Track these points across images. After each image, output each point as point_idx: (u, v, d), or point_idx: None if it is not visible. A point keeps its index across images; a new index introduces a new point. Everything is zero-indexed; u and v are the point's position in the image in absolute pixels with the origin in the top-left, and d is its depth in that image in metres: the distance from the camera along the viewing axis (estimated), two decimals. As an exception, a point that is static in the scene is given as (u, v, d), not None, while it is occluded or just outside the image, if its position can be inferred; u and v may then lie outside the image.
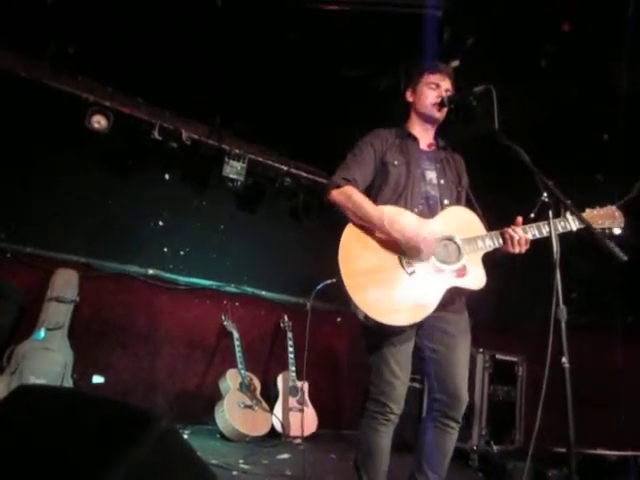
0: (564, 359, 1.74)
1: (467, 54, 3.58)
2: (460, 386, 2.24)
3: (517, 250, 2.18)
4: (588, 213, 2.24)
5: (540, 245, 2.05)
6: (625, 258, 1.83)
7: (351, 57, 3.97)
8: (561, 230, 2.14)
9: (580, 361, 2.05)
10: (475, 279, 2.18)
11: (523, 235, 2.17)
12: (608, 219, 2.23)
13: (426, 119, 2.46)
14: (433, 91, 2.40)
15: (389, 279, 2.14)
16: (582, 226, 2.16)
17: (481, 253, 2.21)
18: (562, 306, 1.80)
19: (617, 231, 2.22)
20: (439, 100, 2.38)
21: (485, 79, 2.27)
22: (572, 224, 2.17)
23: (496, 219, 2.31)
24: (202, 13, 3.63)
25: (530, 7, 3.30)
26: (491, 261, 2.24)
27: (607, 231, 2.22)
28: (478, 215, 2.35)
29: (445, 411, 2.23)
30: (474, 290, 2.18)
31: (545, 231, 2.17)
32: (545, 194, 2.11)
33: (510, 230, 2.19)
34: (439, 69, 2.44)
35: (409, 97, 2.50)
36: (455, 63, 3.50)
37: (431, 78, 2.41)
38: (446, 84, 2.42)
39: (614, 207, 2.25)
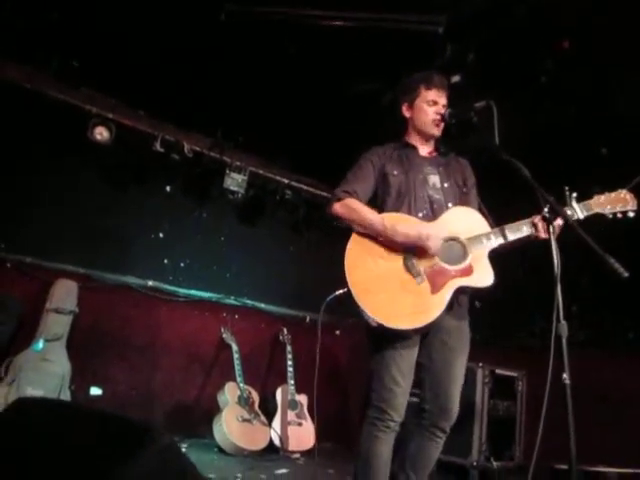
0: (565, 375, 1.73)
1: (468, 70, 3.60)
2: (453, 400, 2.25)
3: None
4: (596, 199, 2.21)
5: (541, 259, 2.05)
6: (626, 274, 1.82)
7: (352, 72, 4.00)
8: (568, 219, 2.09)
9: (581, 377, 2.04)
10: (482, 277, 2.18)
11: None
12: (619, 203, 2.19)
13: (424, 135, 2.47)
14: (431, 107, 2.41)
15: (396, 284, 2.16)
16: (590, 213, 2.16)
17: (487, 251, 2.21)
18: (563, 322, 1.80)
19: (631, 214, 2.18)
20: (438, 117, 2.39)
21: (486, 94, 2.28)
22: (579, 212, 2.17)
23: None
24: (205, 26, 3.66)
25: (531, 24, 3.33)
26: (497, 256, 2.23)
27: (619, 215, 2.19)
28: (483, 214, 2.36)
29: (435, 422, 2.25)
30: (481, 288, 2.18)
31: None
32: (546, 209, 2.12)
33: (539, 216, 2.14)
34: (435, 84, 2.42)
35: (405, 112, 2.51)
36: (456, 79, 3.53)
37: (429, 95, 2.41)
38: (443, 99, 2.42)
39: (624, 190, 2.21)
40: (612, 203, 2.19)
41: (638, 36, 3.17)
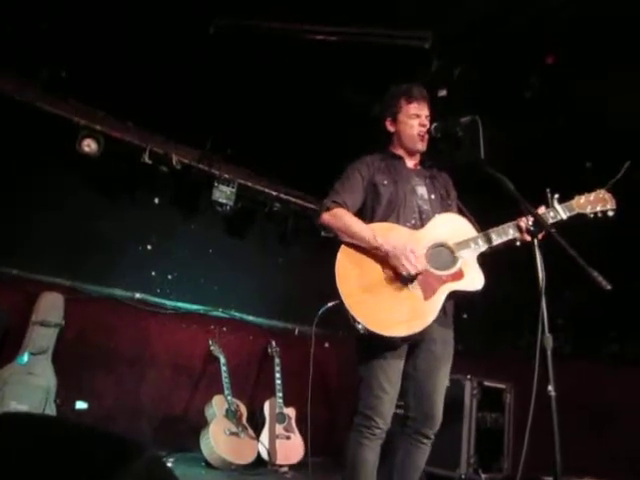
0: (550, 387, 1.75)
1: (454, 84, 3.65)
2: (437, 407, 2.28)
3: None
4: (577, 200, 2.26)
5: (527, 271, 2.07)
6: (609, 287, 1.85)
7: (341, 84, 4.03)
8: (551, 220, 2.19)
9: (567, 389, 2.06)
10: (473, 280, 2.21)
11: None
12: (599, 203, 2.24)
13: (410, 150, 2.50)
14: (415, 121, 2.44)
15: (389, 293, 2.17)
16: (572, 214, 2.22)
17: (475, 254, 2.24)
18: (548, 334, 1.82)
19: (610, 213, 2.23)
20: (423, 129, 2.42)
21: (471, 109, 2.32)
22: (562, 213, 2.22)
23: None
24: (195, 39, 3.68)
25: (516, 40, 3.38)
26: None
27: (600, 215, 2.24)
28: (469, 220, 2.39)
29: (418, 428, 2.28)
30: (473, 292, 2.20)
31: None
32: (530, 222, 2.16)
33: (524, 219, 2.20)
34: (415, 96, 2.45)
35: (390, 127, 2.53)
36: (442, 93, 3.57)
37: (411, 109, 2.44)
38: (425, 111, 2.45)
39: (603, 190, 2.26)
40: (592, 203, 2.25)
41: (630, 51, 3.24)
